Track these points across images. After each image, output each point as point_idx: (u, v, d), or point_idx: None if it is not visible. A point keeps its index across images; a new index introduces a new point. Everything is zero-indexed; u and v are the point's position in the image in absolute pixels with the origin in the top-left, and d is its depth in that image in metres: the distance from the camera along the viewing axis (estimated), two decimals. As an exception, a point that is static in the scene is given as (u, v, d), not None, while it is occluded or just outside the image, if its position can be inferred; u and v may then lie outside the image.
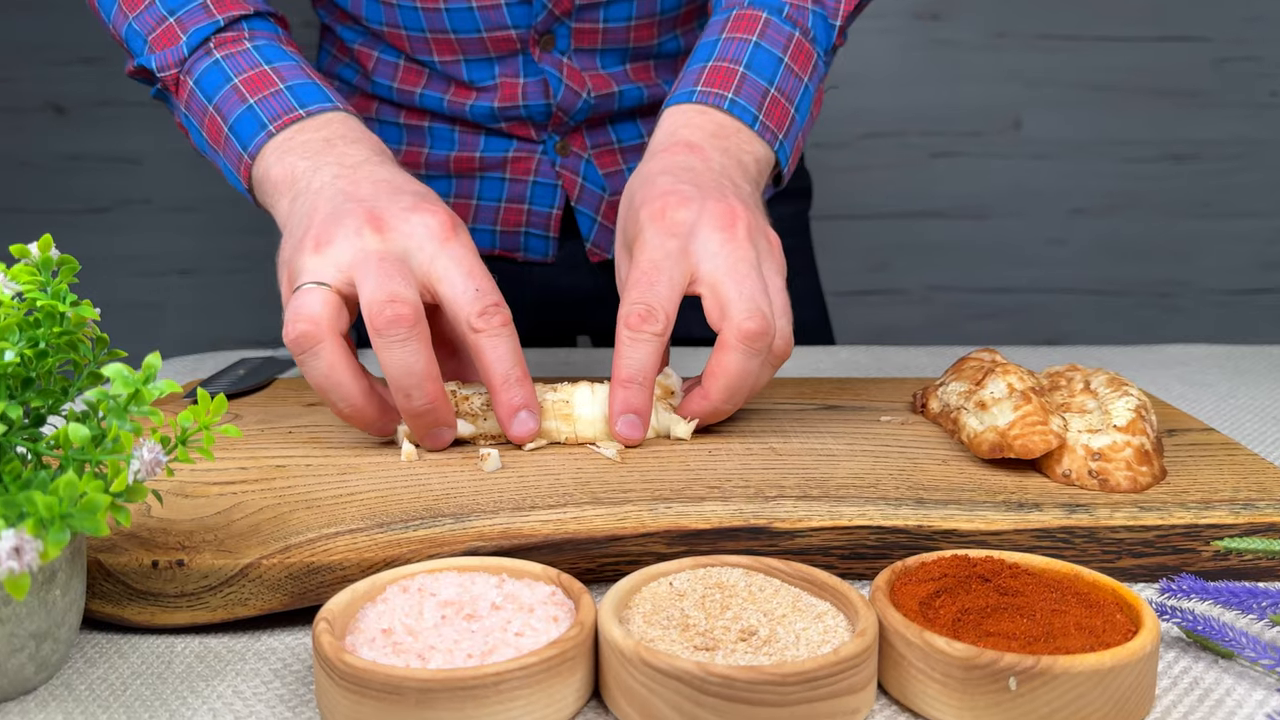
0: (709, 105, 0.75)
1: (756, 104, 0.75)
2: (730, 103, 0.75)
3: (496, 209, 1.02)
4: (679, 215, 0.67)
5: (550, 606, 0.48)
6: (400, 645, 0.45)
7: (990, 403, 0.65)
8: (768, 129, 0.76)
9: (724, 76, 0.76)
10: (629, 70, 0.97)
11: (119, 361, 0.48)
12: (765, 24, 0.78)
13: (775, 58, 0.77)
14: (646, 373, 0.65)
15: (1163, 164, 2.28)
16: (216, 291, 2.27)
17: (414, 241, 0.64)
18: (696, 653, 0.45)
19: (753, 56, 0.77)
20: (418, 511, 0.57)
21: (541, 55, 0.95)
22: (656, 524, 0.56)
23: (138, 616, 0.53)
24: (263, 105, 0.74)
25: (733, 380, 0.65)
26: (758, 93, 0.76)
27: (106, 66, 2.18)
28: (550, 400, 0.67)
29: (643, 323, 0.65)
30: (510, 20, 0.93)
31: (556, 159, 1.00)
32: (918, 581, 0.50)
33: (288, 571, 0.52)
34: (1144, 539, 0.57)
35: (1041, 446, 0.62)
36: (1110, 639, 0.46)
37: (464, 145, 1.00)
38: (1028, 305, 2.33)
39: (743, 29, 0.78)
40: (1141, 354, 1.00)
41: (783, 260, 0.69)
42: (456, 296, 0.64)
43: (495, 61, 0.96)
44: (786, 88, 0.77)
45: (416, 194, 0.67)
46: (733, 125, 0.75)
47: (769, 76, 0.77)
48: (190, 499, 0.59)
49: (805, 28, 0.79)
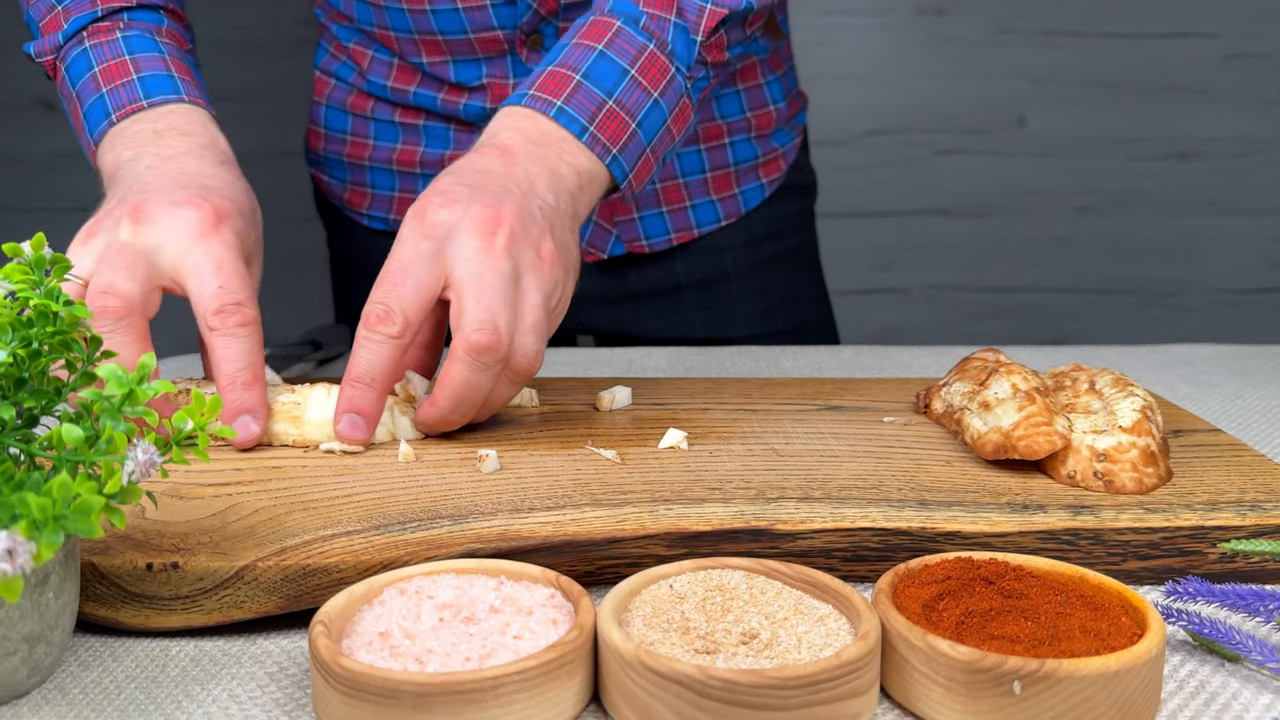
0: (535, 110, 0.73)
1: (588, 115, 0.73)
2: (558, 110, 0.73)
3: None
4: (439, 216, 0.66)
5: (549, 609, 0.48)
6: (397, 648, 0.45)
7: (994, 403, 0.65)
8: (598, 141, 0.73)
9: (558, 83, 0.74)
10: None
11: (113, 362, 0.48)
12: (616, 33, 0.76)
13: (619, 68, 0.75)
14: (375, 374, 0.65)
15: (1169, 162, 2.29)
16: (211, 290, 2.27)
17: (168, 236, 0.66)
18: (697, 656, 0.45)
19: (593, 65, 0.75)
20: (415, 513, 0.57)
21: (529, 55, 0.95)
22: (656, 526, 0.56)
23: (132, 619, 0.53)
24: (112, 95, 0.78)
25: (458, 391, 0.65)
26: (591, 103, 0.74)
27: (100, 63, 2.18)
28: (281, 402, 0.68)
29: (379, 323, 0.64)
30: (496, 21, 0.93)
31: None
32: (921, 584, 0.50)
33: (284, 574, 0.53)
34: (1150, 541, 0.57)
35: (1046, 447, 0.62)
36: (1115, 642, 0.46)
37: (459, 144, 1.00)
38: (1032, 304, 2.33)
39: (591, 37, 0.76)
40: (1147, 354, 1.00)
41: (555, 275, 0.67)
42: (200, 292, 0.66)
43: (483, 62, 0.96)
44: (629, 101, 0.75)
45: (201, 189, 0.69)
46: (558, 134, 0.73)
47: (608, 88, 0.74)
48: (185, 500, 0.59)
49: (662, 40, 0.76)
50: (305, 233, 2.25)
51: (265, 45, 2.17)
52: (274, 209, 2.33)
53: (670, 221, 1.04)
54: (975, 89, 2.25)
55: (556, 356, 0.99)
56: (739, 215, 1.06)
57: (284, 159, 2.23)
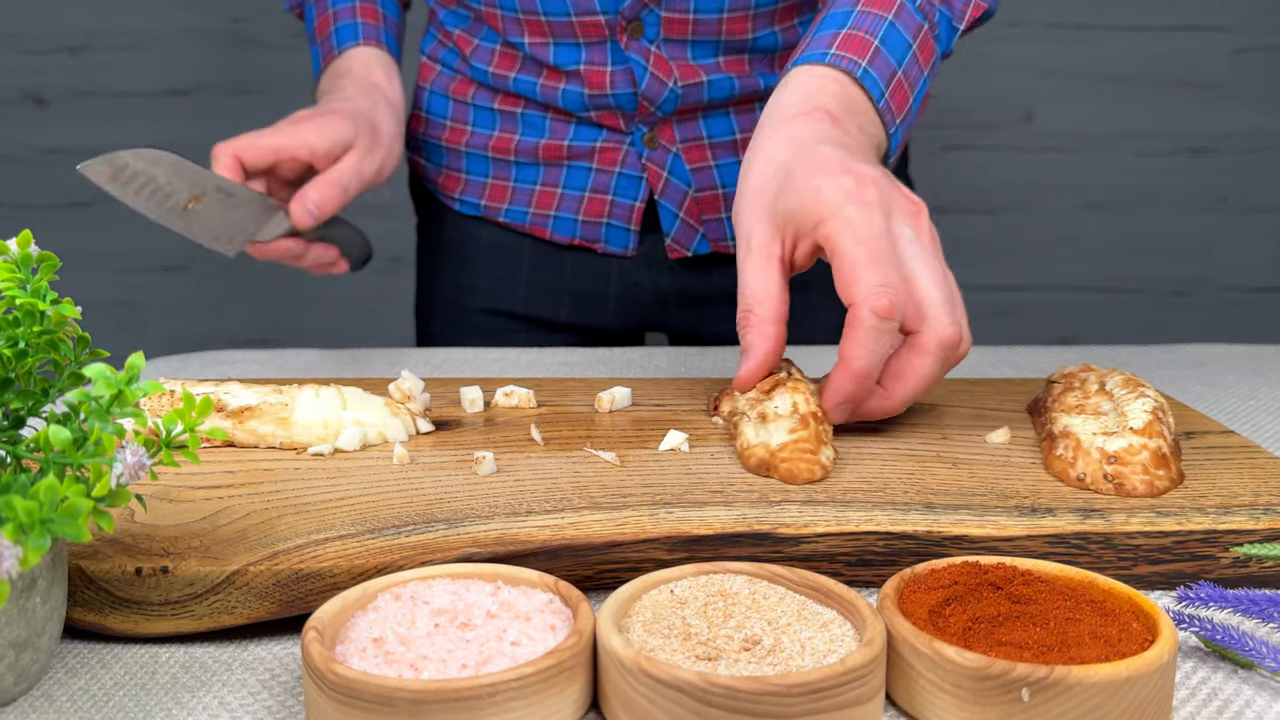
0: (842, 71, 0.74)
1: (885, 81, 0.75)
2: (864, 72, 0.74)
3: (580, 198, 1.04)
4: (866, 194, 0.66)
5: (547, 615, 0.48)
6: (392, 655, 0.45)
7: (771, 417, 0.65)
8: (890, 110, 0.75)
9: (859, 45, 0.75)
10: (721, 62, 0.98)
11: (101, 362, 0.48)
12: (900, 7, 0.77)
13: (906, 42, 0.77)
14: (879, 366, 0.66)
15: (1179, 157, 2.29)
16: (202, 289, 2.27)
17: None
18: (698, 663, 0.45)
19: (887, 34, 0.76)
20: (410, 516, 0.57)
21: (629, 43, 0.96)
22: (657, 529, 0.56)
23: (121, 625, 0.53)
24: (322, 45, 1.02)
25: (920, 385, 0.66)
26: (886, 70, 0.75)
27: (89, 55, 2.18)
28: (268, 403, 0.68)
29: (893, 308, 0.64)
30: (599, 6, 0.95)
31: (644, 151, 1.01)
32: (927, 589, 0.50)
33: (276, 579, 0.52)
34: (1161, 545, 0.57)
35: (805, 476, 0.62)
36: (1126, 648, 0.46)
37: (554, 133, 1.03)
38: (1040, 303, 2.33)
39: (878, 6, 0.77)
40: (1158, 354, 1.00)
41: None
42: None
43: (582, 47, 0.98)
44: (911, 75, 0.77)
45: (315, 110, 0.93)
46: (862, 101, 0.74)
47: (898, 57, 0.76)
48: (175, 503, 0.59)
49: (933, 23, 0.79)
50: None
51: (260, 38, 2.17)
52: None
53: None
54: (982, 84, 2.25)
55: (555, 356, 0.99)
56: None
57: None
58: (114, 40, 2.18)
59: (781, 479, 0.62)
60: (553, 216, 1.04)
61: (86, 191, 2.23)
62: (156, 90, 2.19)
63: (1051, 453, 0.65)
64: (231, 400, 0.68)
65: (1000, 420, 0.73)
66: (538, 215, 1.05)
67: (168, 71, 2.18)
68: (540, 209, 1.05)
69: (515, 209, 1.06)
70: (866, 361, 0.64)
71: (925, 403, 0.76)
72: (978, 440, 0.69)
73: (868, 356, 0.64)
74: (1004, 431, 0.70)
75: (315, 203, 0.88)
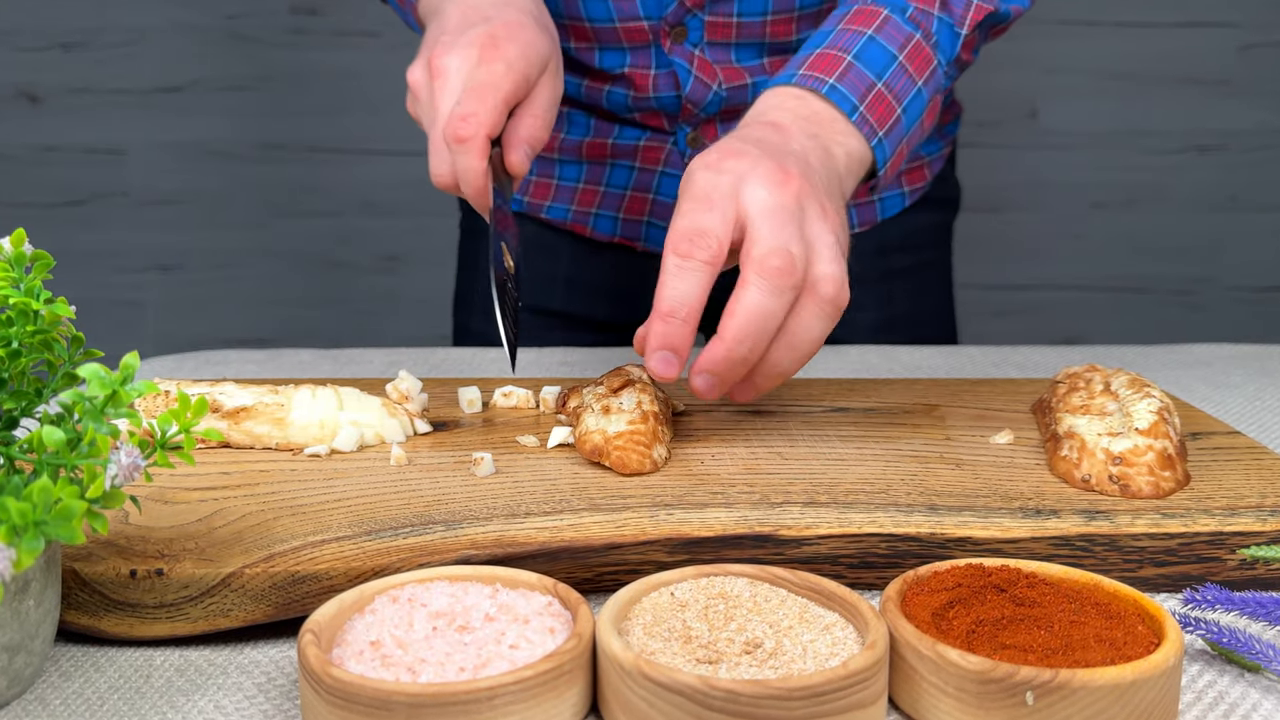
0: (806, 89, 0.74)
1: (859, 94, 0.75)
2: (830, 88, 0.74)
3: (622, 196, 1.04)
4: (729, 164, 0.66)
5: (546, 618, 0.48)
6: (389, 658, 0.45)
7: (615, 411, 0.66)
8: (867, 122, 0.75)
9: (828, 63, 0.76)
10: (767, 64, 0.98)
11: (96, 362, 0.48)
12: (884, 20, 0.78)
13: (889, 53, 0.77)
14: (691, 306, 0.63)
15: (1187, 155, 2.28)
16: (199, 289, 2.27)
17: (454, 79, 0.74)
18: (699, 666, 0.45)
19: (864, 48, 0.76)
20: (408, 518, 0.57)
21: (672, 47, 0.97)
22: (657, 531, 0.56)
23: (115, 628, 0.53)
24: None
25: (751, 317, 0.63)
26: (861, 84, 0.75)
27: (84, 52, 2.18)
28: (264, 404, 0.68)
29: (693, 248, 0.63)
30: (642, 11, 0.95)
31: (687, 150, 1.01)
32: (930, 591, 0.50)
33: (271, 581, 0.52)
34: (1167, 547, 0.57)
35: (634, 467, 0.63)
36: (1131, 651, 0.46)
37: (598, 132, 1.03)
38: (1045, 303, 2.33)
39: (859, 22, 0.78)
40: (1164, 354, 1.00)
41: (841, 234, 0.68)
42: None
43: (627, 51, 0.98)
44: (896, 85, 0.76)
45: (485, 21, 0.76)
46: (828, 114, 0.74)
47: (877, 70, 0.76)
48: (170, 505, 0.59)
49: (928, 31, 0.79)
50: (292, 228, 2.26)
51: (256, 35, 2.17)
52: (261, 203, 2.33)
53: None
54: (985, 80, 2.25)
55: (553, 356, 0.99)
56: (874, 223, 1.06)
57: (270, 151, 2.23)
58: (108, 37, 2.18)
59: (612, 466, 0.63)
60: (594, 214, 1.05)
61: (81, 189, 2.23)
62: (151, 87, 2.19)
63: (1056, 454, 0.65)
64: (227, 401, 0.68)
65: (1004, 421, 0.73)
66: (579, 212, 1.06)
67: (162, 68, 2.18)
68: (582, 206, 1.05)
69: (557, 206, 1.06)
70: (672, 302, 0.63)
71: (928, 403, 0.76)
72: (982, 441, 0.69)
73: (673, 296, 0.63)
74: (1008, 432, 0.70)
75: (530, 145, 0.77)
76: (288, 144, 2.22)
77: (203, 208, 2.24)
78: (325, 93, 2.20)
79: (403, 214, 2.25)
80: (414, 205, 2.23)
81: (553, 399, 0.75)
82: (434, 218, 2.24)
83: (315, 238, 2.26)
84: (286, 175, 2.23)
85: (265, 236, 2.26)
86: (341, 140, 2.22)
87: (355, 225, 2.26)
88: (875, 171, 0.77)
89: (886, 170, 0.77)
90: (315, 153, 2.22)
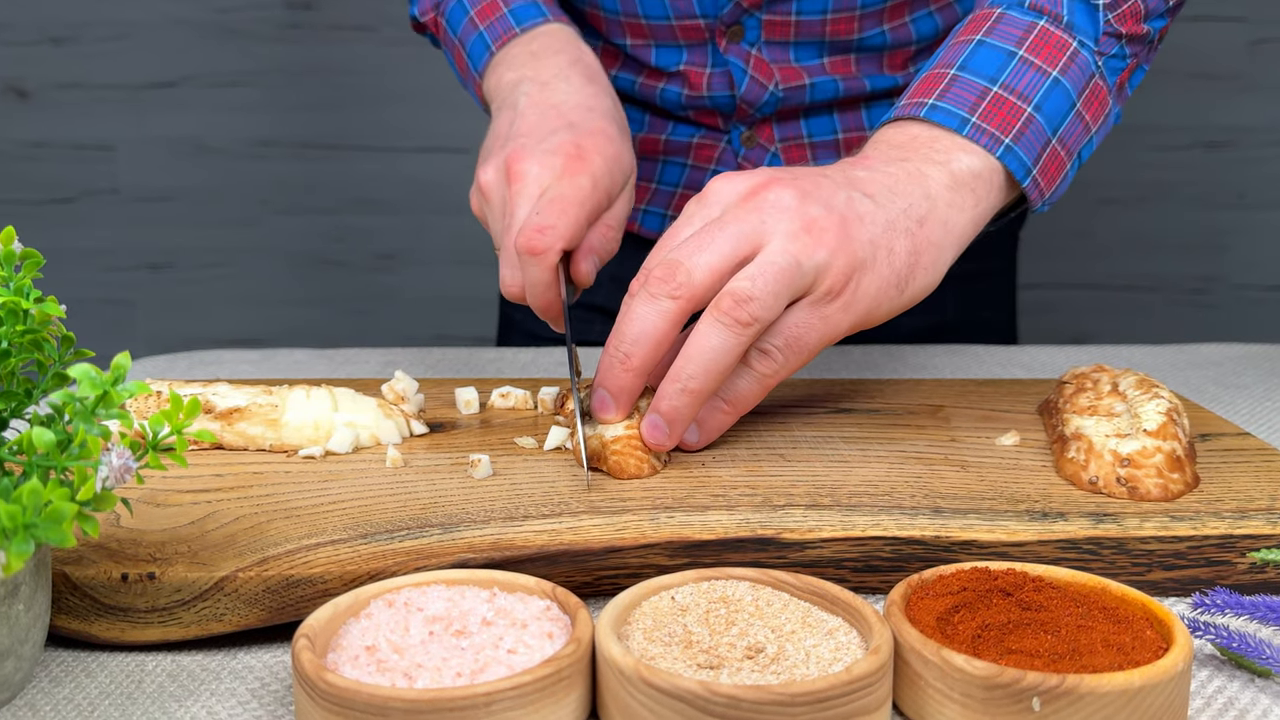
0: (904, 119, 0.71)
1: (968, 106, 0.70)
2: (929, 109, 0.70)
3: (673, 194, 1.04)
4: (714, 185, 0.67)
5: (545, 622, 0.48)
6: (385, 663, 0.45)
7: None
8: (983, 131, 0.69)
9: (929, 84, 0.72)
10: (826, 63, 0.98)
11: (86, 362, 0.48)
12: (997, 19, 0.73)
13: (1003, 52, 0.71)
14: (628, 342, 0.63)
15: (1195, 151, 2.28)
16: (191, 287, 2.27)
17: (533, 188, 0.73)
18: (700, 671, 0.45)
19: (971, 56, 0.72)
20: (404, 521, 0.57)
21: (728, 46, 0.97)
22: (657, 534, 0.56)
23: (106, 633, 0.53)
24: (489, 30, 0.89)
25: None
26: (970, 93, 0.70)
27: (74, 46, 2.18)
28: (258, 404, 0.68)
29: (660, 282, 0.63)
30: (699, 9, 0.95)
31: (740, 150, 1.01)
32: (935, 596, 0.50)
33: (265, 585, 0.52)
34: (1176, 550, 0.57)
35: (632, 472, 0.63)
36: (1140, 656, 0.46)
37: (652, 128, 1.03)
38: (1051, 301, 2.33)
39: (968, 31, 0.74)
40: (1173, 354, 1.00)
41: (814, 249, 0.63)
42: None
43: (683, 49, 0.98)
44: (1019, 84, 0.70)
45: (569, 127, 0.76)
46: (928, 135, 0.70)
47: (990, 74, 0.71)
48: (162, 508, 0.59)
49: (1055, 14, 0.72)
50: (286, 226, 2.25)
51: (249, 29, 2.17)
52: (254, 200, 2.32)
53: None
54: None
55: (553, 356, 0.99)
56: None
57: (263, 148, 2.23)
58: (98, 31, 2.18)
59: (609, 471, 0.63)
60: (643, 211, 1.05)
61: (70, 186, 2.23)
62: (142, 82, 2.19)
63: (1063, 455, 0.65)
64: (220, 401, 0.68)
65: (1010, 422, 0.73)
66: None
67: (153, 63, 2.18)
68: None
69: None
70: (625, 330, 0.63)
71: (933, 404, 0.76)
72: (987, 442, 0.69)
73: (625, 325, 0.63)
74: (1014, 434, 0.70)
75: (600, 256, 0.77)
76: (281, 140, 2.22)
77: (195, 205, 2.24)
78: (320, 88, 2.20)
79: (399, 211, 2.25)
80: (410, 203, 2.23)
81: (551, 400, 0.75)
82: (431, 215, 2.25)
83: (309, 236, 2.26)
84: (280, 172, 2.23)
85: (258, 234, 2.26)
86: (336, 136, 2.21)
87: (350, 223, 2.26)
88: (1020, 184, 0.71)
89: (1037, 180, 0.71)
90: (309, 149, 2.22)
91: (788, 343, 0.64)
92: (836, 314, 0.65)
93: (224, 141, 2.22)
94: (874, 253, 0.65)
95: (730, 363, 0.63)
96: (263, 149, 2.23)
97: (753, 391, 0.66)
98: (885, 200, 0.67)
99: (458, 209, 2.30)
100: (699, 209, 0.67)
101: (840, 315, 0.65)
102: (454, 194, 2.21)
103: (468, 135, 2.23)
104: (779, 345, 0.64)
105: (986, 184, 0.70)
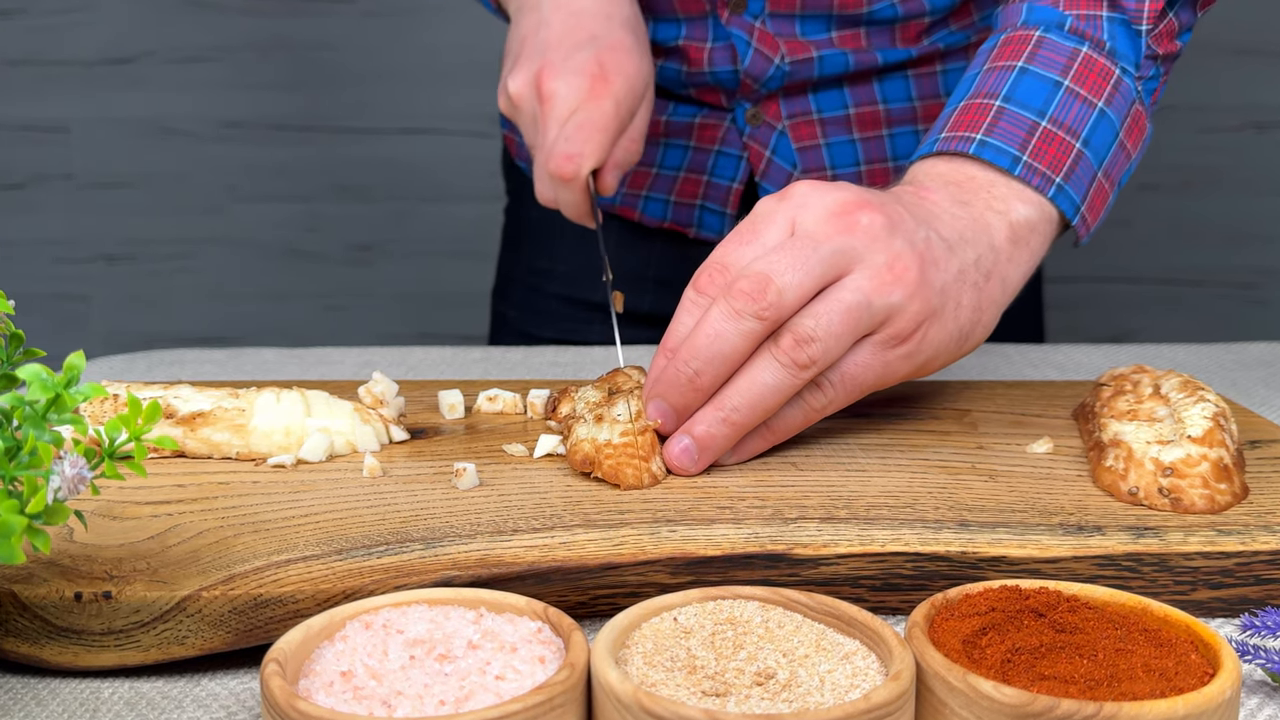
0: (953, 153, 0.72)
1: (1018, 142, 0.71)
2: (978, 145, 0.71)
3: (675, 178, 1.05)
4: (801, 188, 0.67)
5: (536, 645, 0.48)
6: (362, 690, 0.45)
7: (609, 420, 0.66)
8: (1035, 171, 0.71)
9: (974, 115, 0.72)
10: (834, 37, 0.98)
11: (37, 362, 0.48)
12: (1037, 44, 0.74)
13: (1050, 82, 0.73)
14: (690, 351, 0.64)
15: (1244, 134, 2.29)
16: (151, 281, 2.28)
17: (564, 106, 0.82)
18: (705, 699, 0.45)
19: (1015, 85, 0.73)
20: (382, 535, 0.57)
21: (730, 18, 0.97)
22: (658, 550, 0.56)
23: (58, 657, 0.53)
24: None
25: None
26: (1020, 128, 0.72)
27: (26, 19, 2.18)
28: (224, 408, 0.68)
29: (746, 299, 0.63)
30: None
31: (745, 128, 1.02)
32: (961, 616, 0.50)
33: (231, 605, 0.52)
34: (1222, 567, 0.57)
35: (630, 481, 0.63)
36: (1183, 683, 0.46)
37: (654, 110, 1.03)
38: (1089, 296, 2.33)
39: (1008, 55, 0.75)
40: (1220, 353, 1.00)
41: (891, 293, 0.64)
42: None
43: (683, 22, 0.99)
44: (1067, 117, 0.72)
45: (591, 39, 0.83)
46: (985, 177, 0.71)
47: (1039, 106, 0.72)
48: (119, 521, 0.59)
49: (1097, 40, 0.74)
50: (254, 214, 2.26)
51: (213, 1, 2.17)
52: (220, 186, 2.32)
53: None
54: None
55: (544, 356, 0.99)
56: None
57: (229, 129, 2.23)
58: (50, 4, 2.18)
59: (605, 478, 0.63)
60: (644, 197, 1.06)
61: (19, 171, 2.24)
62: (96, 58, 2.19)
63: (1100, 464, 0.65)
64: (182, 405, 0.68)
65: (1043, 428, 0.73)
66: (629, 195, 1.07)
67: (110, 37, 2.19)
68: (632, 189, 1.06)
69: None
70: (678, 338, 0.66)
71: (959, 408, 0.76)
72: (1018, 450, 0.69)
73: (679, 328, 0.66)
74: (1047, 440, 0.70)
75: (622, 168, 0.85)
76: (249, 121, 2.23)
77: (155, 191, 2.24)
78: (291, 64, 2.20)
79: (377, 199, 2.25)
80: (389, 189, 2.23)
81: (541, 403, 0.75)
82: (413, 203, 2.25)
83: (280, 225, 2.26)
84: (248, 156, 2.24)
85: (225, 224, 2.26)
86: (309, 117, 2.22)
87: (325, 211, 2.26)
88: (1069, 224, 0.74)
89: (1085, 216, 0.74)
90: (280, 131, 2.22)
91: (843, 379, 0.66)
92: (898, 360, 0.66)
93: (187, 123, 2.22)
94: (944, 302, 0.67)
95: (780, 402, 0.65)
96: (229, 131, 2.23)
97: (798, 422, 0.67)
98: (958, 247, 0.68)
99: (442, 196, 2.30)
100: (782, 209, 0.66)
101: (901, 362, 0.67)
102: (438, 179, 2.22)
103: (452, 116, 2.24)
104: (834, 381, 0.66)
105: (1040, 236, 0.73)
